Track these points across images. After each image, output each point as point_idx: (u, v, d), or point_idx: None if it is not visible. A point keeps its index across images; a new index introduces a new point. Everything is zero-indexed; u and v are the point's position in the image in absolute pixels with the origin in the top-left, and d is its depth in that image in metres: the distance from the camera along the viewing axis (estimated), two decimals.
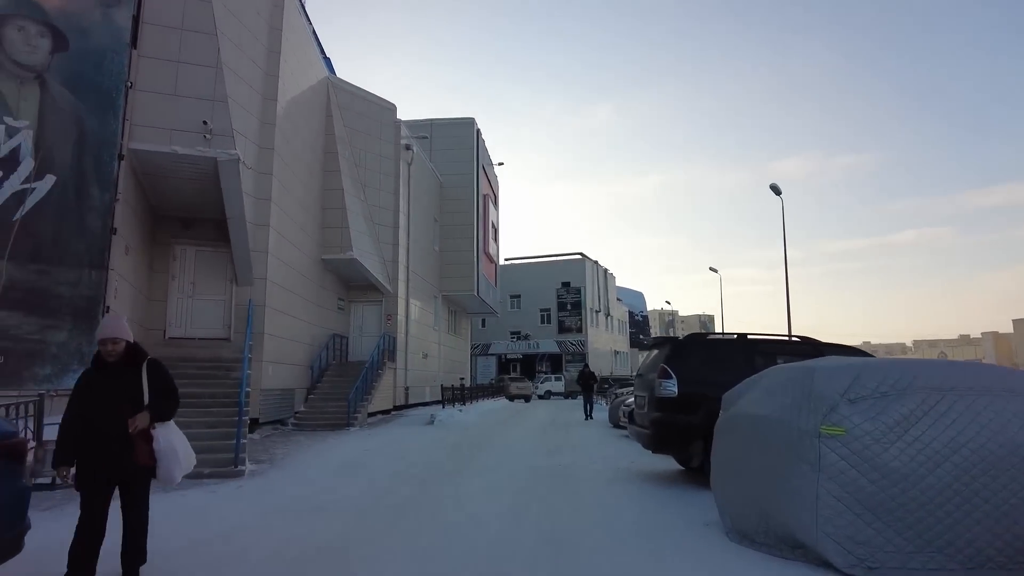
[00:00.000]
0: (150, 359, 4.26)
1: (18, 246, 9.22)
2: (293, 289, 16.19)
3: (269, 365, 14.38)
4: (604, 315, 62.51)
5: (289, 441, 12.87)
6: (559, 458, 10.42)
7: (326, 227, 18.88)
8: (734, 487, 5.47)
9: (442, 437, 13.75)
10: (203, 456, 9.09)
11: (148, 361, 4.24)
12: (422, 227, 25.15)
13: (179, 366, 11.54)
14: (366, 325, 21.64)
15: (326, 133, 19.44)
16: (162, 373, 4.28)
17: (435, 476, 8.61)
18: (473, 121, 29.99)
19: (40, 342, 9.23)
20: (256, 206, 13.96)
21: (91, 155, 9.91)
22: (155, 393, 4.14)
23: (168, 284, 13.80)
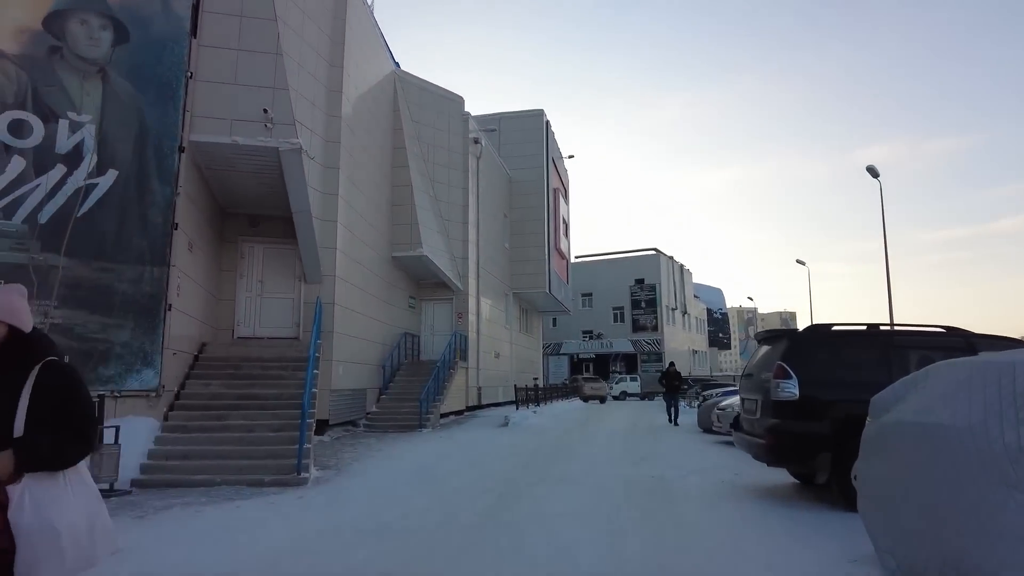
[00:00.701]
0: (49, 361, 2.27)
1: (81, 243, 8.96)
2: (363, 287, 15.72)
3: (339, 365, 13.91)
4: (681, 313, 60.21)
5: (359, 444, 12.30)
6: (650, 468, 9.30)
7: (395, 224, 18.39)
8: (897, 517, 4.26)
9: (518, 441, 12.85)
10: (265, 462, 8.58)
11: (45, 364, 2.25)
12: (492, 223, 24.43)
13: (244, 366, 11.17)
14: (437, 323, 21.07)
15: (393, 128, 18.97)
16: (63, 386, 2.26)
17: (513, 489, 7.69)
18: (542, 113, 29.06)
19: (104, 341, 8.93)
20: (323, 201, 13.51)
21: (152, 148, 9.58)
22: (39, 420, 2.16)
23: (236, 283, 13.54)
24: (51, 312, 8.66)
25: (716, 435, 13.77)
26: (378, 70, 17.64)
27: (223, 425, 9.20)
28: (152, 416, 9.03)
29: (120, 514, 6.19)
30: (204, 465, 8.18)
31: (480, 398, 21.73)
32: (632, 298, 55.48)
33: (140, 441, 8.32)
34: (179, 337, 10.02)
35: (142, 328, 9.16)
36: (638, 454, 11.09)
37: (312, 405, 9.73)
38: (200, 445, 8.66)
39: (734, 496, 7.25)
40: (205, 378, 10.54)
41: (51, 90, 9.11)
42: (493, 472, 8.96)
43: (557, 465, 9.69)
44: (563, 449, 11.80)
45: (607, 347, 55.48)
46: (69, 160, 9.03)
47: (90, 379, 8.73)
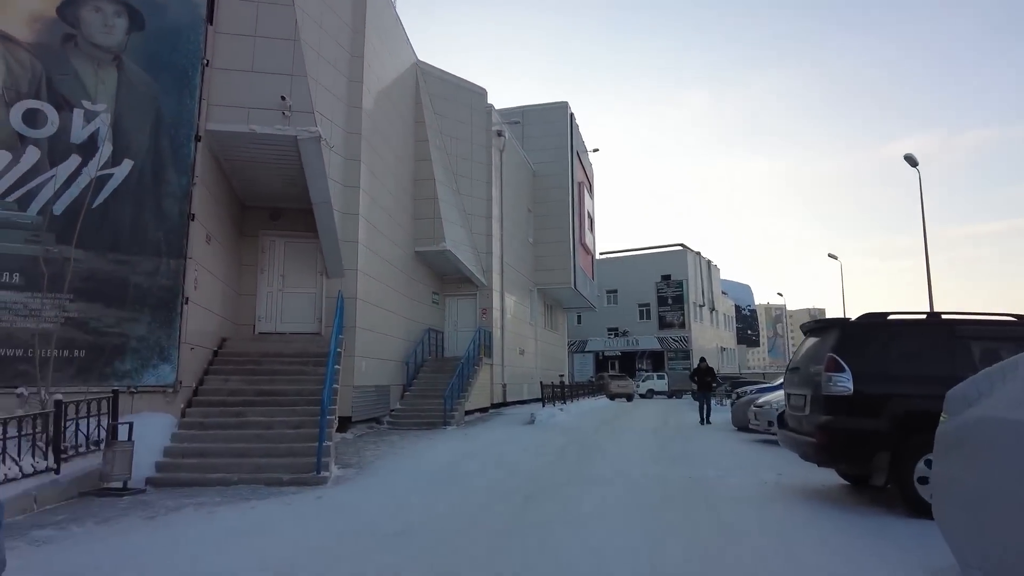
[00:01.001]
0: None
1: (96, 234, 8.74)
2: (386, 282, 15.41)
3: (362, 360, 13.62)
4: (708, 309, 59.16)
5: (382, 441, 11.98)
6: (686, 468, 8.79)
7: (418, 218, 18.06)
8: (987, 526, 3.74)
9: (545, 439, 12.41)
10: (284, 460, 8.25)
11: None
12: (516, 217, 24.00)
13: (264, 362, 10.90)
14: (461, 319, 20.72)
15: (416, 120, 18.65)
16: None
17: (541, 489, 7.26)
18: (566, 105, 28.52)
19: (120, 335, 8.70)
20: (345, 194, 13.21)
21: (168, 137, 9.33)
22: None
23: (257, 277, 13.31)
24: (67, 306, 8.45)
25: (752, 433, 13.19)
26: (399, 61, 17.32)
27: (241, 422, 8.92)
28: (169, 412, 8.78)
29: (130, 514, 5.91)
30: (221, 463, 7.90)
31: (505, 395, 21.33)
32: (658, 295, 54.67)
33: (156, 438, 8.07)
34: (197, 332, 9.78)
35: (158, 322, 8.91)
36: (671, 453, 10.58)
37: (333, 402, 9.42)
38: (217, 443, 8.38)
39: (779, 498, 6.73)
40: (224, 374, 10.29)
41: (65, 79, 8.91)
42: (520, 471, 8.54)
43: (587, 464, 9.24)
44: (592, 448, 11.33)
45: (633, 344, 54.76)
46: (84, 150, 8.82)
47: (106, 374, 8.53)
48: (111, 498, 6.62)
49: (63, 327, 8.36)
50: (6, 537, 5.21)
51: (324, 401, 8.34)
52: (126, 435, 7.11)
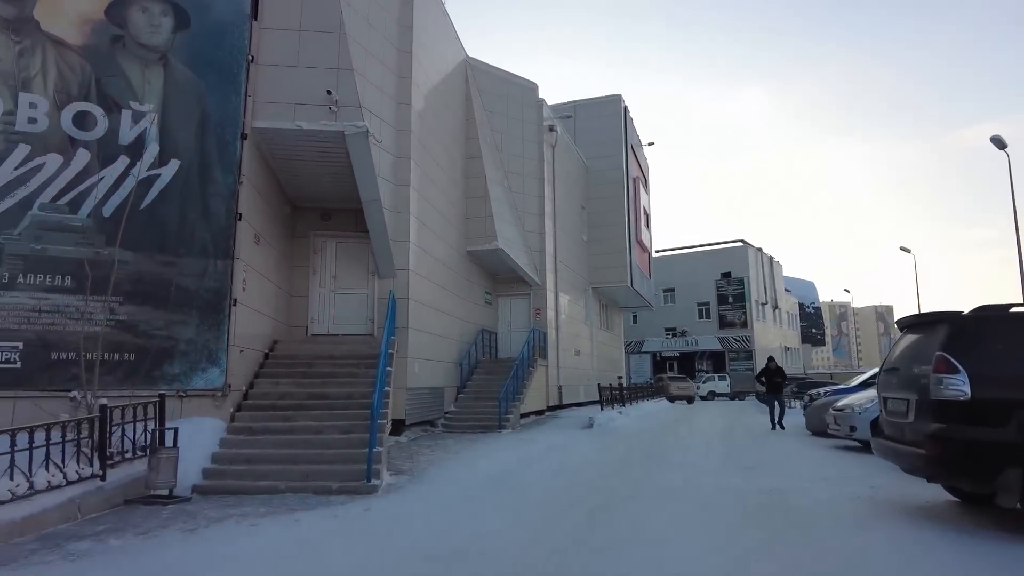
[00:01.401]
0: None
1: (144, 236, 8.61)
2: (438, 282, 15.06)
3: (415, 362, 13.27)
4: (771, 308, 56.96)
5: (436, 445, 11.57)
6: (763, 479, 8.01)
7: (469, 217, 17.67)
8: None
9: (605, 445, 11.76)
10: (334, 467, 7.88)
11: None
12: (569, 215, 23.36)
13: (315, 364, 10.64)
14: (515, 320, 20.22)
15: (466, 118, 18.26)
16: None
17: (606, 502, 6.65)
18: (620, 98, 27.69)
19: (168, 338, 8.54)
20: (395, 192, 12.90)
21: (214, 136, 9.15)
22: None
23: (309, 279, 13.14)
24: (116, 308, 8.34)
25: (831, 439, 12.17)
26: (448, 57, 16.96)
27: (291, 427, 8.63)
28: (218, 417, 8.57)
29: (171, 526, 5.62)
30: (269, 470, 7.60)
31: (561, 397, 20.71)
32: (718, 293, 52.95)
33: (204, 443, 7.85)
34: (246, 334, 9.57)
35: (207, 324, 8.72)
36: (744, 461, 9.77)
37: (384, 405, 9.04)
38: (266, 448, 8.10)
39: (879, 516, 5.92)
40: (274, 377, 10.07)
41: (113, 80, 8.83)
42: (581, 481, 7.94)
43: (653, 474, 8.55)
44: (657, 455, 10.61)
45: (692, 345, 53.22)
46: (132, 151, 8.71)
47: (154, 377, 8.38)
48: (156, 506, 6.38)
49: (112, 330, 8.25)
50: (47, 547, 4.98)
51: (374, 405, 7.94)
52: (171, 441, 6.87)
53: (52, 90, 8.59)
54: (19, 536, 5.19)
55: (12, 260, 8.12)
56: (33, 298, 8.11)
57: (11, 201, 8.19)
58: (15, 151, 8.30)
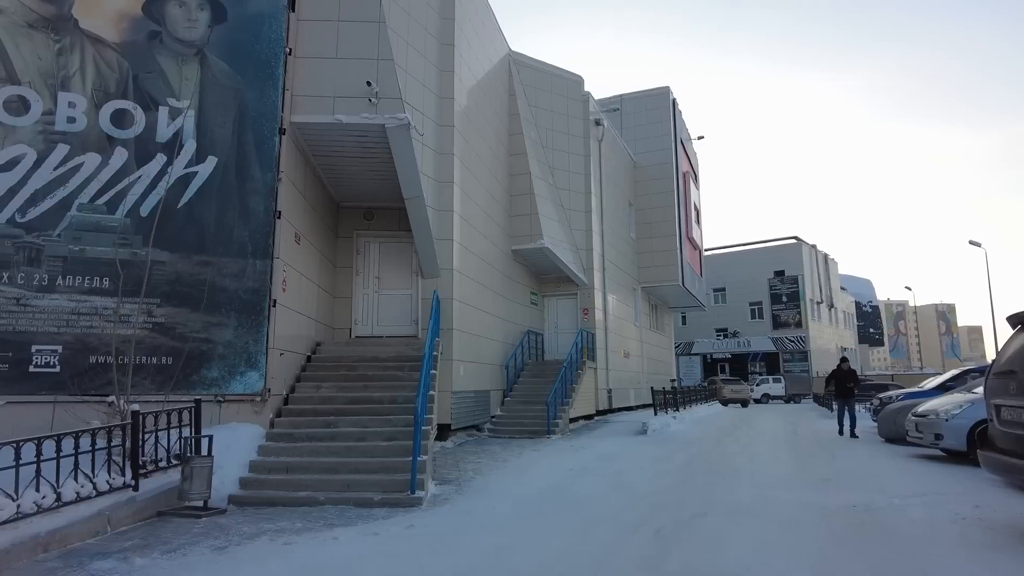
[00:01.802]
0: None
1: (181, 236, 8.36)
2: (483, 281, 14.57)
3: (460, 364, 12.80)
4: (827, 307, 54.78)
5: (482, 452, 11.05)
6: (845, 493, 7.20)
7: (514, 215, 17.15)
8: None
9: (663, 453, 11.02)
10: (376, 477, 7.42)
11: None
12: (616, 212, 22.60)
13: (358, 367, 10.26)
14: (561, 320, 19.60)
15: (510, 113, 17.76)
16: None
17: (673, 520, 5.99)
18: (668, 91, 26.78)
19: (206, 341, 8.25)
20: (438, 190, 12.47)
21: (251, 132, 8.85)
22: None
23: (353, 280, 12.82)
24: (153, 310, 8.09)
25: (911, 447, 11.15)
26: (491, 51, 16.48)
27: (332, 433, 8.22)
28: (257, 423, 8.23)
29: (201, 542, 5.22)
30: (308, 480, 7.18)
31: (611, 402, 19.98)
32: (771, 292, 51.21)
33: (242, 451, 7.50)
34: (287, 336, 9.24)
35: (245, 326, 8.40)
36: (818, 473, 8.92)
37: (429, 410, 8.57)
38: (305, 456, 7.70)
39: (994, 542, 5.09)
40: (316, 380, 9.72)
41: (150, 76, 8.62)
42: (643, 495, 7.28)
43: (720, 487, 7.82)
44: (721, 464, 9.84)
45: (744, 346, 51.59)
46: (169, 149, 8.47)
47: (192, 382, 8.09)
48: (189, 519, 6.02)
49: (149, 333, 8.01)
50: (69, 566, 4.64)
51: (418, 411, 7.45)
52: (205, 449, 6.52)
53: (90, 88, 8.42)
54: (43, 552, 4.86)
55: (52, 262, 7.96)
56: (72, 300, 7.93)
57: (51, 202, 8.03)
58: (54, 151, 8.14)
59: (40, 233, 7.94)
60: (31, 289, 7.82)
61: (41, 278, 7.87)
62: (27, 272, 7.83)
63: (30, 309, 7.79)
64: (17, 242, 7.85)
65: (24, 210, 7.91)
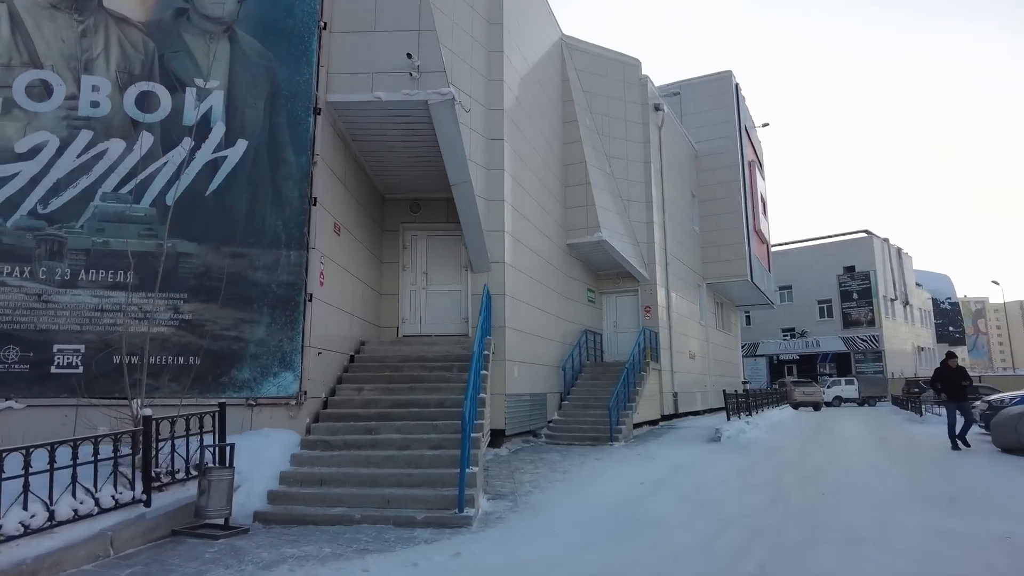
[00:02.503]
0: None
1: (210, 225, 7.69)
2: (537, 277, 13.59)
3: (514, 365, 11.85)
4: (901, 304, 51.47)
5: (540, 461, 10.06)
6: (981, 519, 5.86)
7: (569, 207, 16.11)
8: None
9: (745, 464, 9.77)
10: (421, 491, 6.46)
11: None
12: (678, 203, 21.22)
13: (403, 367, 9.45)
14: (621, 319, 18.40)
15: (563, 100, 16.75)
16: None
17: (776, 550, 4.85)
18: (731, 75, 25.17)
19: (237, 339, 7.55)
20: (487, 178, 11.58)
21: (284, 113, 8.14)
22: None
23: (400, 276, 12.06)
24: (181, 306, 7.44)
25: None
26: (543, 34, 15.52)
27: (372, 440, 7.39)
28: (292, 428, 7.47)
29: (211, 571, 4.40)
30: (344, 495, 6.34)
31: (676, 406, 18.62)
32: (841, 289, 48.48)
33: (273, 460, 6.74)
34: (325, 334, 8.49)
35: (279, 323, 7.67)
36: (937, 490, 7.54)
37: (480, 415, 7.65)
38: (342, 467, 6.88)
39: None
40: (358, 382, 8.94)
41: (177, 56, 8.01)
42: (732, 516, 6.13)
43: (824, 507, 6.58)
44: (816, 477, 8.54)
45: (813, 346, 48.99)
46: (197, 132, 7.84)
47: (222, 384, 7.39)
48: (204, 540, 5.25)
49: (176, 331, 7.36)
50: None
51: (466, 416, 6.53)
52: (227, 459, 5.75)
53: (115, 70, 7.86)
54: None
55: (75, 255, 7.40)
56: (95, 296, 7.35)
57: (73, 191, 7.48)
58: (78, 137, 7.60)
59: (63, 225, 7.40)
60: (53, 284, 7.27)
61: (63, 272, 7.32)
62: (49, 267, 7.29)
63: (52, 306, 7.24)
64: (39, 235, 7.33)
65: (46, 201, 7.39)
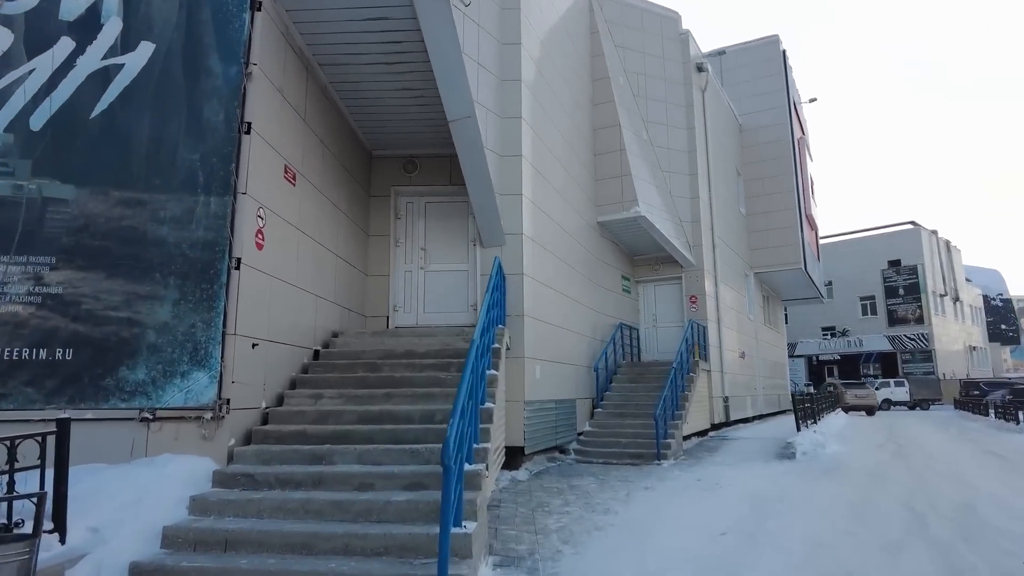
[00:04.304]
0: None
1: (95, 160, 5.37)
2: (564, 257, 11.11)
3: (536, 364, 9.40)
4: (952, 300, 47.97)
5: (570, 490, 7.60)
6: None
7: (600, 179, 13.62)
8: None
9: (851, 497, 7.13)
10: (379, 565, 4.10)
11: None
12: (724, 180, 18.53)
13: (383, 367, 7.03)
14: (661, 311, 15.81)
15: (592, 55, 14.24)
16: None
17: None
18: (778, 40, 22.40)
19: (129, 323, 5.20)
20: (500, 128, 9.17)
21: (209, 6, 5.79)
22: None
23: (391, 251, 9.69)
24: (46, 275, 5.12)
25: None
26: None
27: (318, 475, 4.96)
28: (208, 454, 5.10)
29: None
30: (255, 569, 3.94)
31: (727, 413, 15.95)
32: (886, 284, 45.30)
33: (161, 506, 4.36)
34: (269, 320, 6.11)
35: (191, 300, 5.31)
36: None
37: (484, 435, 5.22)
38: (266, 518, 4.48)
39: None
40: (319, 386, 6.56)
41: None
42: None
43: (988, 564, 4.00)
44: (971, 521, 5.91)
45: (855, 345, 45.85)
46: (79, 31, 5.53)
47: (106, 388, 5.03)
48: None
49: (39, 310, 5.04)
50: None
51: (450, 444, 4.04)
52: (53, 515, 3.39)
53: None
54: None
55: None
56: None
57: None
58: None
59: None
60: None
61: None
62: None
63: None
64: None
65: None
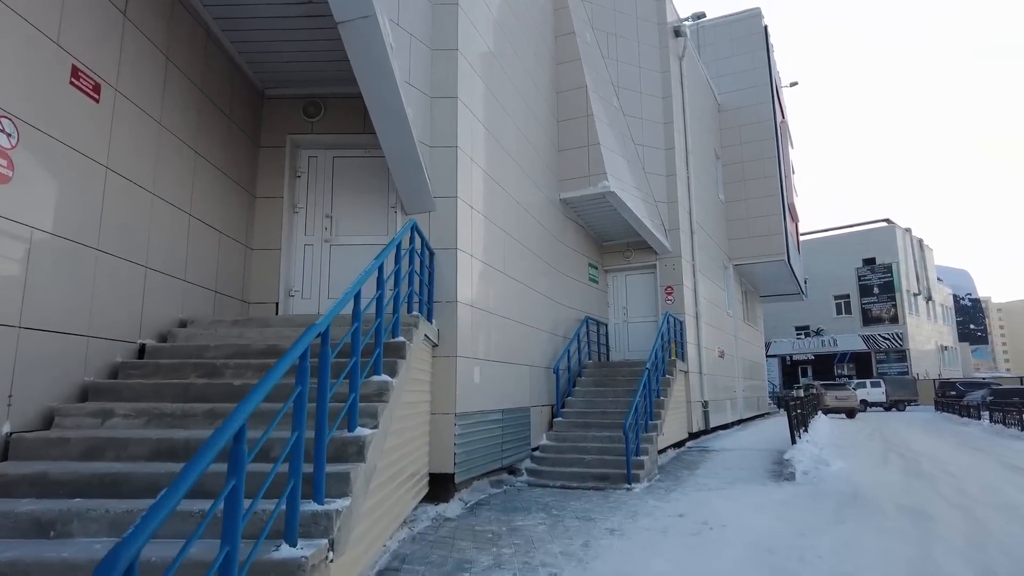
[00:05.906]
0: None
1: None
2: (517, 234, 9.03)
3: (473, 366, 7.29)
4: (924, 299, 47.33)
5: (509, 535, 5.54)
6: None
7: (563, 150, 11.60)
8: None
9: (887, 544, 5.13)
10: None
11: None
12: (702, 161, 16.66)
13: (225, 370, 4.87)
14: (632, 304, 13.84)
15: (556, 7, 12.20)
16: None
17: None
18: (759, 13, 20.69)
19: None
20: (432, 60, 7.08)
21: None
22: None
23: (284, 219, 7.50)
24: None
25: None
26: None
27: (24, 569, 2.80)
28: None
29: None
30: None
31: (707, 420, 14.03)
32: (860, 283, 44.47)
33: None
34: (20, 295, 3.91)
35: None
36: None
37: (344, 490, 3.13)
38: None
39: None
40: (119, 397, 4.36)
41: None
42: None
43: None
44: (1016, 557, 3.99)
45: (829, 345, 44.94)
46: None
47: None
48: None
49: None
50: None
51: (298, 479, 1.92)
52: None
53: None
54: None
55: None
56: None
57: None
58: None
59: None
60: None
61: None
62: None
63: None
64: None
65: None
